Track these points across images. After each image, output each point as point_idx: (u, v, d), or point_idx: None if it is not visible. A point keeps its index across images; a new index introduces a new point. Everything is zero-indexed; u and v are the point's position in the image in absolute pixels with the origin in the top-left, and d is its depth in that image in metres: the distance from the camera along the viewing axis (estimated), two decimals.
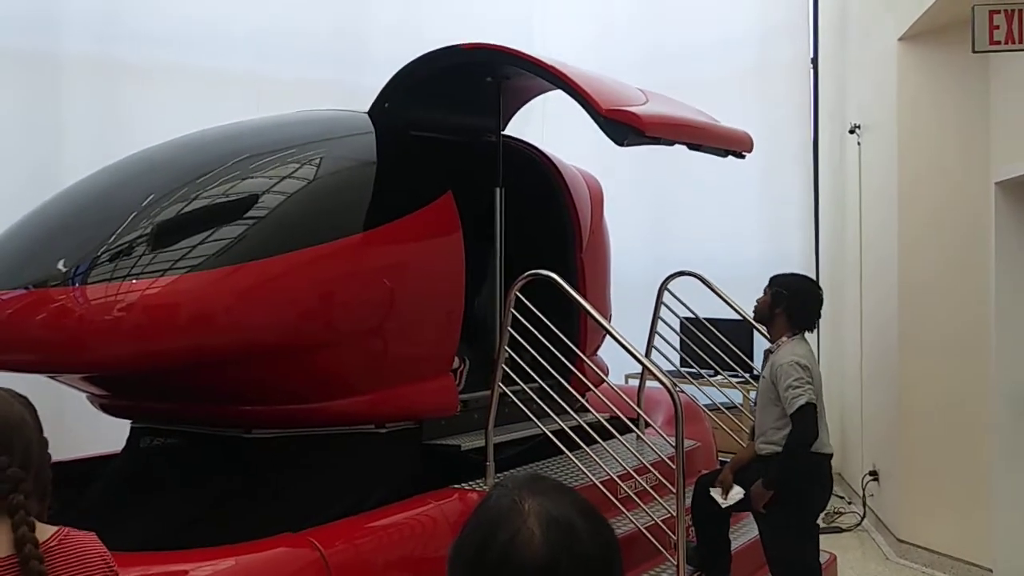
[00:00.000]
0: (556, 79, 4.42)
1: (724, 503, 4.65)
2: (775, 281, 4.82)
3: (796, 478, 4.43)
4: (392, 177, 4.47)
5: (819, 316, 4.84)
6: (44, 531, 1.98)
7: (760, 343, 5.19)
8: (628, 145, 4.34)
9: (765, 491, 4.44)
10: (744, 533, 5.26)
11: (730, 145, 5.07)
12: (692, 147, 4.82)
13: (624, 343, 4.39)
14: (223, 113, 4.95)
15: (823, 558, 5.30)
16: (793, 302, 4.69)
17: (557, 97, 7.69)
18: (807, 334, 4.74)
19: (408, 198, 4.43)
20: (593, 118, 4.26)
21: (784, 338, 4.66)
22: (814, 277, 7.55)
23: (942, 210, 6.23)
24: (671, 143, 4.62)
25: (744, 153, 5.20)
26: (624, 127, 4.19)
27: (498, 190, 5.00)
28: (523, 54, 4.55)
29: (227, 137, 4.45)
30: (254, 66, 7.16)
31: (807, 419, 4.34)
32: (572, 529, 1.17)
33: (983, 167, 5.82)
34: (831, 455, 4.65)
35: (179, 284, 3.56)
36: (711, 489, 4.71)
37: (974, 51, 4.81)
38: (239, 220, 3.82)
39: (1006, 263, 5.62)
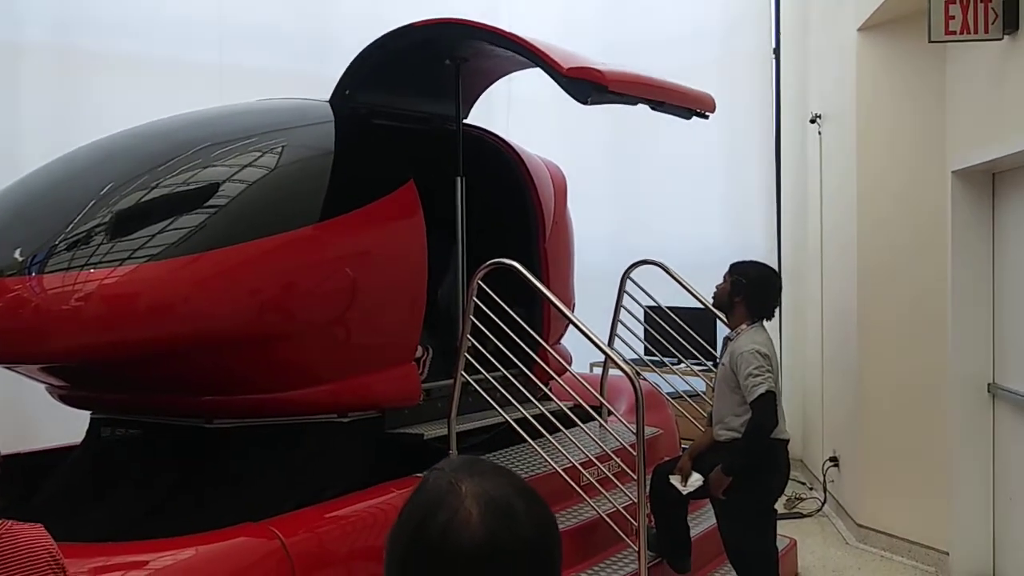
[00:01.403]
0: (512, 44, 4.37)
1: (684, 490, 4.65)
2: (735, 269, 4.81)
3: (754, 464, 4.47)
4: (353, 165, 4.45)
5: (778, 305, 4.85)
6: None
7: (724, 331, 5.22)
8: (592, 103, 4.27)
9: (724, 477, 4.46)
10: (704, 520, 5.30)
11: (693, 104, 5.02)
12: (655, 107, 4.75)
13: (586, 332, 4.40)
14: (185, 102, 4.90)
15: (783, 543, 5.36)
16: (752, 290, 4.69)
17: (521, 87, 7.75)
18: (766, 321, 4.77)
19: (370, 186, 4.42)
20: (555, 79, 4.21)
21: (743, 326, 4.67)
22: (776, 265, 7.63)
23: (900, 199, 6.30)
24: (634, 101, 4.56)
25: (708, 113, 5.14)
26: (586, 84, 4.15)
27: (459, 179, 4.99)
28: (477, 23, 4.51)
29: (187, 125, 4.41)
30: (217, 55, 7.10)
31: (767, 407, 4.36)
32: (510, 510, 1.16)
33: (940, 156, 5.88)
34: (787, 441, 4.69)
35: (138, 273, 3.54)
36: (670, 476, 4.72)
37: (930, 41, 4.87)
38: (199, 209, 3.80)
39: (963, 251, 5.68)
